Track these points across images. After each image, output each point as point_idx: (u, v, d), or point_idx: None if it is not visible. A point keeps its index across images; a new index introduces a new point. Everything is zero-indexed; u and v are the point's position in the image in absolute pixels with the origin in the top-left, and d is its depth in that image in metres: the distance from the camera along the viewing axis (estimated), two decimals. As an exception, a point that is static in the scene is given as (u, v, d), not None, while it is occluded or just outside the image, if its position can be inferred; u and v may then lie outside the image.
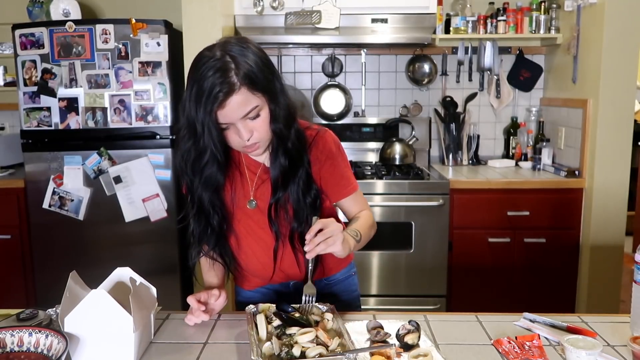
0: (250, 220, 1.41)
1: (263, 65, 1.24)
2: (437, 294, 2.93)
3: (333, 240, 1.22)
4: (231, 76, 1.19)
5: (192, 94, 1.22)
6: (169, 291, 2.90)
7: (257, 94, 1.22)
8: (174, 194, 2.86)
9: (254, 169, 1.40)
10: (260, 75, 1.22)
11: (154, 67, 2.77)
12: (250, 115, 1.23)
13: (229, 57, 1.21)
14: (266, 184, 1.38)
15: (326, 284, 1.53)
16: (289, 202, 1.36)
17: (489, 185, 2.87)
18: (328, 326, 1.20)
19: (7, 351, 1.04)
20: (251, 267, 1.47)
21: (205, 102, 1.19)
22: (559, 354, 1.15)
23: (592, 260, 2.83)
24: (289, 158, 1.33)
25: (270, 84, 1.26)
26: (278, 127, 1.29)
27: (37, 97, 2.83)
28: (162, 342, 1.23)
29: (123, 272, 1.25)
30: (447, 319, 1.34)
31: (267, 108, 1.26)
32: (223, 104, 1.19)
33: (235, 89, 1.19)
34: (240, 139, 1.25)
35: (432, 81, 3.44)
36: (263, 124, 1.26)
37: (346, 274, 1.58)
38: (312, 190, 1.37)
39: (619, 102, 2.74)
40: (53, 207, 2.88)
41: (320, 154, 1.39)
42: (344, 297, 1.56)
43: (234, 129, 1.25)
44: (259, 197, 1.40)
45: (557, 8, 3.12)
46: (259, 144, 1.29)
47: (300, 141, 1.35)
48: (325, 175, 1.40)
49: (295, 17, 2.93)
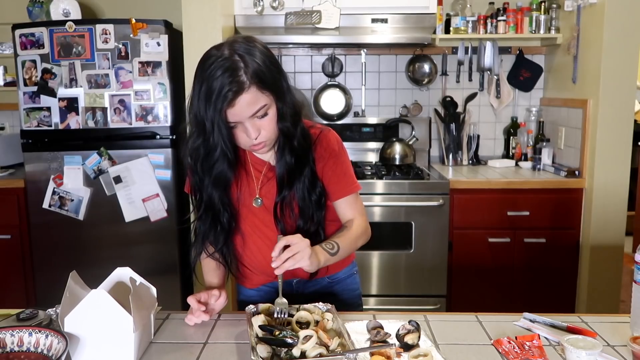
0: (256, 218, 1.42)
1: (270, 64, 1.25)
2: (437, 294, 2.93)
3: (300, 256, 1.22)
4: (240, 75, 1.20)
5: (200, 92, 1.22)
6: (169, 291, 2.90)
7: (265, 93, 1.23)
8: (174, 194, 2.86)
9: (259, 167, 1.41)
10: (268, 74, 1.24)
11: (154, 67, 2.77)
12: (258, 114, 1.25)
13: (238, 56, 1.21)
14: (272, 182, 1.39)
15: (329, 282, 1.54)
16: (295, 200, 1.37)
17: (489, 185, 2.87)
18: (328, 326, 1.20)
19: (7, 351, 1.04)
20: (256, 264, 1.47)
21: (215, 101, 1.20)
22: (559, 354, 1.15)
23: (592, 260, 2.83)
24: (294, 156, 1.34)
25: (278, 82, 1.27)
26: (285, 126, 1.30)
27: (37, 97, 2.83)
28: (162, 342, 1.23)
29: (123, 272, 1.25)
30: (447, 319, 1.34)
31: (274, 106, 1.27)
32: (233, 103, 1.20)
33: (245, 88, 1.20)
34: (248, 137, 1.27)
35: (432, 81, 3.44)
36: (270, 123, 1.27)
37: (348, 272, 1.58)
38: (317, 188, 1.38)
39: (619, 102, 2.74)
40: (53, 207, 2.88)
41: (324, 152, 1.40)
42: (346, 295, 1.56)
43: (242, 127, 1.26)
44: (265, 195, 1.40)
45: (557, 8, 3.12)
46: (266, 142, 1.30)
47: (305, 139, 1.36)
48: (327, 173, 1.40)
49: (295, 17, 2.93)
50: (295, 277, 1.48)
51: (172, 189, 2.86)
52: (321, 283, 1.52)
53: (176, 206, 2.87)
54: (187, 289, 2.94)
